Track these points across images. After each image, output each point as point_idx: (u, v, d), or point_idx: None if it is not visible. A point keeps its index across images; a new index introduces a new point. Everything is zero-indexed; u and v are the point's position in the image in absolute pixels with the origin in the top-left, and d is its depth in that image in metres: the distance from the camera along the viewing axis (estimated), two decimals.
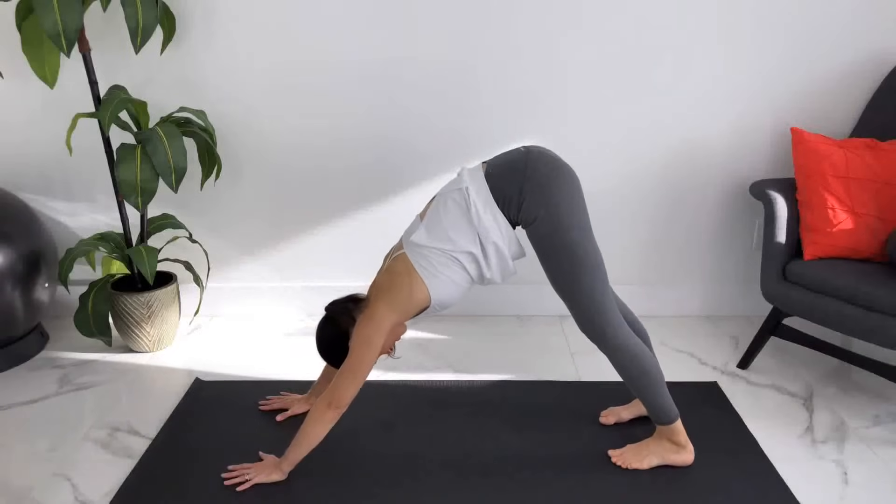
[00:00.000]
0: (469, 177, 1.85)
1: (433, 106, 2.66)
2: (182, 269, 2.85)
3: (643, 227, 2.83)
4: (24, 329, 2.55)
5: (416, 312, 1.87)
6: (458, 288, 1.86)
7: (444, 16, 2.55)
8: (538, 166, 1.81)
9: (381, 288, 1.86)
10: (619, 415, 2.15)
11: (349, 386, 1.79)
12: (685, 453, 1.94)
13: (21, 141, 2.72)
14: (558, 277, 1.84)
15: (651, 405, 1.91)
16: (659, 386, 1.89)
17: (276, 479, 1.88)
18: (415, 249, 1.85)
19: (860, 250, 2.28)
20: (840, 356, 2.27)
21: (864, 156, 2.33)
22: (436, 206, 1.88)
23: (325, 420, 1.81)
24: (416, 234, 1.86)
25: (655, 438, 1.97)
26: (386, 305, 1.82)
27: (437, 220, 1.84)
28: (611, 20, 2.55)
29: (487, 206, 1.81)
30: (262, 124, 2.69)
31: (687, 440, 1.95)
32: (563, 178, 1.81)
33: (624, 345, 1.86)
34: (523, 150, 1.86)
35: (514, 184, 1.80)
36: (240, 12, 2.55)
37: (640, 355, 1.87)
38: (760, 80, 2.63)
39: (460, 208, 1.82)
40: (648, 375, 1.88)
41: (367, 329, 1.80)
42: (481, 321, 2.88)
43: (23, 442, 2.10)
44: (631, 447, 1.99)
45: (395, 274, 1.85)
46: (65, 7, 2.12)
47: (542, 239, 1.81)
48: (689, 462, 1.95)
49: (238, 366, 2.54)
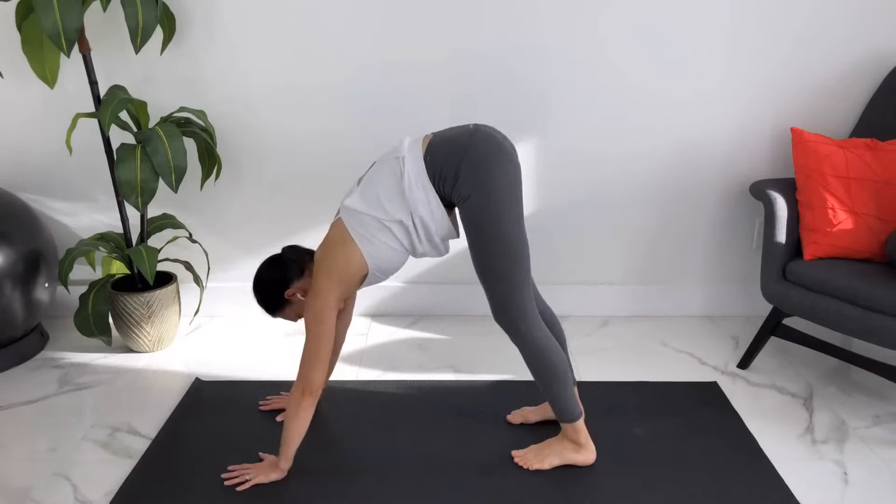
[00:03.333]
0: (408, 147, 1.83)
1: (433, 106, 2.65)
2: (182, 269, 2.86)
3: (643, 226, 2.83)
4: (24, 329, 2.55)
5: (358, 279, 1.85)
6: (395, 254, 1.85)
7: (444, 16, 2.55)
8: (479, 147, 1.77)
9: (320, 262, 1.85)
10: (525, 416, 2.16)
11: (316, 367, 1.80)
12: (586, 453, 1.95)
13: (21, 141, 2.72)
14: (481, 262, 1.83)
15: (555, 402, 1.91)
16: (564, 384, 1.89)
17: (276, 479, 1.88)
18: (350, 214, 1.84)
19: (860, 250, 2.28)
20: (840, 356, 2.27)
21: (864, 156, 2.33)
22: (372, 172, 1.87)
23: (303, 409, 1.82)
24: (351, 198, 1.85)
25: (558, 438, 1.98)
26: (326, 279, 1.81)
27: (372, 187, 1.83)
28: (611, 21, 2.55)
29: (419, 179, 1.79)
30: (262, 124, 2.69)
31: (588, 440, 1.96)
32: (503, 163, 1.78)
33: (534, 339, 1.86)
34: (470, 128, 1.83)
35: (452, 161, 1.77)
36: (240, 12, 2.55)
37: (549, 351, 1.87)
38: (760, 80, 2.63)
39: (395, 177, 1.81)
40: (554, 373, 1.88)
41: (315, 306, 1.81)
42: (481, 321, 2.88)
43: (23, 442, 2.10)
44: (534, 447, 2.00)
45: (330, 244, 1.85)
46: (65, 7, 2.12)
47: (471, 221, 1.79)
48: (591, 461, 1.95)
49: (238, 366, 2.54)
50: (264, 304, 1.96)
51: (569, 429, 1.94)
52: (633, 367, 2.52)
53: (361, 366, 2.54)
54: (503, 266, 1.80)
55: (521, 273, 1.82)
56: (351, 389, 2.35)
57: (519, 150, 2.71)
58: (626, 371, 2.49)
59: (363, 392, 2.34)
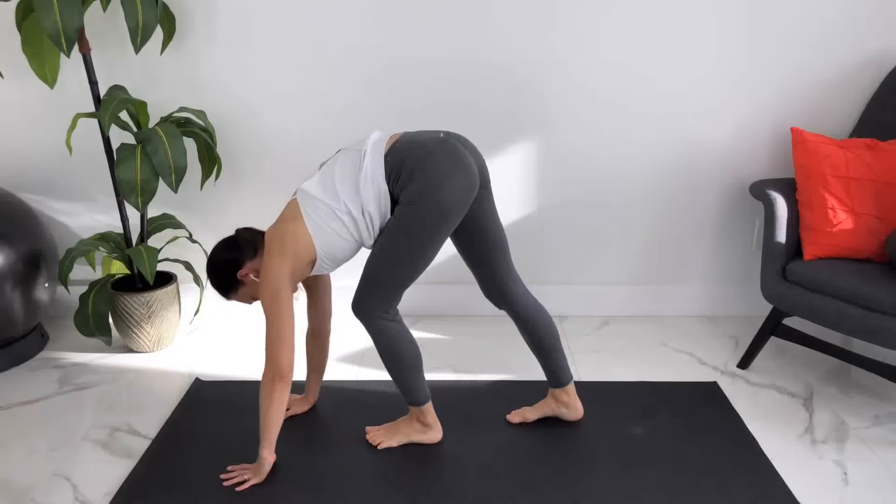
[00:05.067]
0: (373, 143, 1.85)
1: (434, 106, 2.66)
2: (182, 269, 2.86)
3: (643, 227, 2.83)
4: (24, 329, 2.55)
5: (307, 259, 1.85)
6: (344, 242, 1.85)
7: (445, 17, 2.55)
8: (441, 159, 1.78)
9: (270, 240, 1.85)
10: (524, 415, 2.17)
11: (282, 350, 1.79)
12: (431, 433, 2.05)
13: (21, 141, 2.72)
14: (380, 253, 1.84)
15: (402, 387, 1.97)
16: (412, 370, 1.95)
17: (267, 469, 1.88)
18: (305, 197, 1.85)
19: (860, 250, 2.28)
20: (840, 356, 2.27)
21: (864, 156, 2.33)
22: (335, 160, 1.89)
23: (276, 395, 1.81)
24: (309, 181, 1.87)
25: (407, 419, 2.07)
26: (278, 256, 1.81)
27: (330, 175, 1.85)
28: (611, 21, 2.55)
29: (375, 175, 1.81)
30: (262, 124, 2.70)
31: (436, 420, 2.06)
32: (458, 181, 1.79)
33: (384, 329, 1.89)
34: (440, 136, 1.84)
35: (411, 164, 1.79)
36: (240, 12, 2.55)
37: (399, 342, 1.90)
38: (761, 80, 2.63)
39: (353, 168, 1.83)
40: (403, 360, 1.92)
41: (269, 285, 1.80)
42: (481, 321, 2.88)
43: (23, 442, 2.10)
44: (385, 426, 2.09)
45: (282, 221, 1.85)
46: (65, 7, 2.12)
47: (401, 224, 1.80)
48: (436, 440, 2.06)
49: (238, 366, 2.54)
50: (217, 285, 1.94)
51: (416, 411, 2.03)
52: (633, 367, 2.52)
53: (361, 366, 2.54)
54: (394, 268, 1.83)
55: (401, 282, 1.86)
56: (351, 389, 2.35)
57: (518, 150, 2.71)
58: (626, 371, 2.49)
59: (363, 392, 2.34)
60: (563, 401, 2.13)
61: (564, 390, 2.12)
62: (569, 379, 2.11)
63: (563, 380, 2.11)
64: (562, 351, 2.09)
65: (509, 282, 2.03)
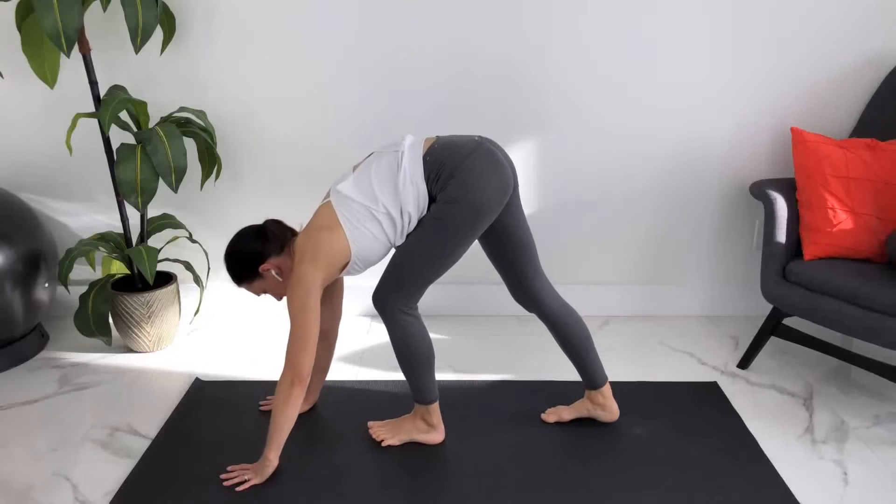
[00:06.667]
0: (409, 145, 1.87)
1: (434, 105, 2.66)
2: (182, 269, 2.86)
3: (643, 226, 2.83)
4: (24, 329, 2.55)
5: (341, 265, 1.86)
6: (379, 244, 1.87)
7: (446, 17, 2.55)
8: (482, 157, 1.82)
9: (304, 246, 1.84)
10: (560, 415, 2.16)
11: (304, 356, 1.79)
12: (435, 434, 2.05)
13: (21, 141, 2.72)
14: (412, 247, 1.86)
15: (413, 383, 1.98)
16: (425, 368, 1.95)
17: (269, 472, 1.88)
18: (340, 199, 1.85)
19: (860, 250, 2.28)
20: (840, 356, 2.27)
21: (864, 156, 2.33)
22: (369, 162, 1.89)
23: (293, 398, 1.81)
24: (344, 183, 1.87)
25: (411, 417, 2.06)
26: (311, 264, 1.81)
27: (367, 176, 1.86)
28: (612, 22, 2.55)
29: (415, 176, 1.82)
30: (262, 124, 2.70)
31: (440, 422, 2.05)
32: (498, 180, 1.83)
33: (403, 323, 1.90)
34: (476, 139, 1.87)
35: (452, 163, 1.81)
36: (240, 12, 2.55)
37: (416, 337, 1.91)
38: (760, 80, 2.63)
39: (391, 170, 1.84)
40: (417, 356, 1.93)
41: (299, 293, 1.79)
42: (481, 321, 2.88)
43: (23, 442, 2.10)
44: (388, 422, 2.09)
45: (316, 229, 1.85)
46: (65, 7, 2.12)
47: (439, 221, 1.82)
48: (438, 441, 2.05)
49: (238, 366, 2.54)
50: (234, 272, 1.93)
51: (422, 409, 2.02)
52: (633, 367, 2.52)
53: (361, 366, 2.54)
54: (423, 269, 1.85)
55: (424, 280, 1.88)
56: (351, 389, 2.36)
57: (520, 150, 2.71)
58: (626, 371, 2.49)
59: (363, 392, 2.34)
60: (598, 402, 2.12)
61: (600, 392, 2.10)
62: (604, 380, 2.09)
63: (597, 381, 2.09)
64: (594, 352, 2.07)
65: (536, 283, 2.03)
